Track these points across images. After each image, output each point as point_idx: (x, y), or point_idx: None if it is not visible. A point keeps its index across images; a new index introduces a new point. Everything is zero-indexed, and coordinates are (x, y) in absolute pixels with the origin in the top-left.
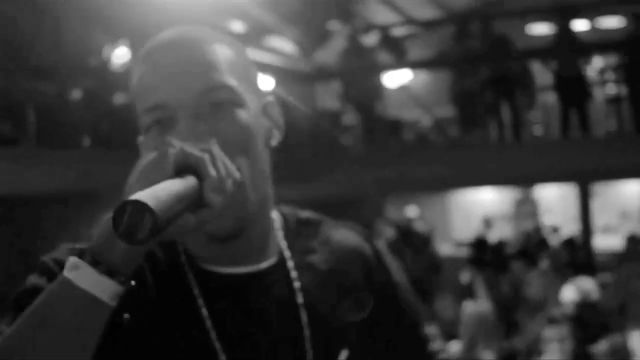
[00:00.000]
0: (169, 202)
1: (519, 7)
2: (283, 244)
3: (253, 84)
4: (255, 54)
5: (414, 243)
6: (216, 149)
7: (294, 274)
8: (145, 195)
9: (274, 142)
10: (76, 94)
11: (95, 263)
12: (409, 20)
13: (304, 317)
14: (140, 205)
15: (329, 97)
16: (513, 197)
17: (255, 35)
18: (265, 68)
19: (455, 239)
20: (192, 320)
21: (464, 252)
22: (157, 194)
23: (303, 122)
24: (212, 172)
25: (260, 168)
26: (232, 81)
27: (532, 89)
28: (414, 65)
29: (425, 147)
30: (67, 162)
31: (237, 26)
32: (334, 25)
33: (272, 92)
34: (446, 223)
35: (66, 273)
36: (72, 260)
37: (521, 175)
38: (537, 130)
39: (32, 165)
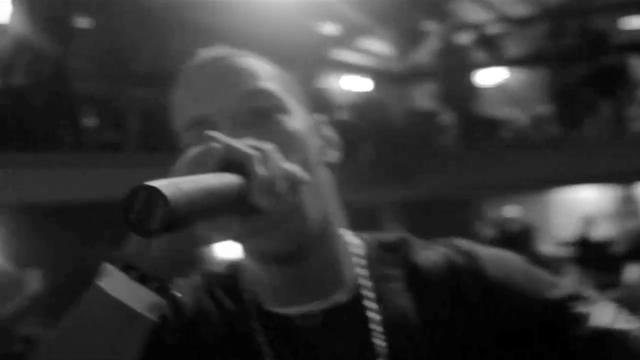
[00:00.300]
0: (193, 193)
1: (614, 0)
2: (362, 273)
3: (301, 99)
4: (348, 56)
5: (514, 243)
6: (269, 147)
7: (372, 305)
8: (161, 182)
9: (332, 159)
10: None
11: (127, 268)
12: (503, 18)
13: (382, 351)
14: (153, 192)
15: (424, 97)
16: (615, 195)
17: (348, 37)
18: (359, 70)
19: (556, 238)
20: None
21: (566, 252)
22: (177, 183)
23: (399, 123)
24: (261, 170)
25: (317, 180)
26: (271, 86)
27: (632, 84)
28: (510, 63)
29: (523, 146)
30: (168, 166)
31: (330, 28)
32: (428, 25)
33: (322, 114)
34: (546, 222)
35: (98, 280)
36: (105, 265)
37: (623, 172)
38: (638, 126)
39: (135, 169)
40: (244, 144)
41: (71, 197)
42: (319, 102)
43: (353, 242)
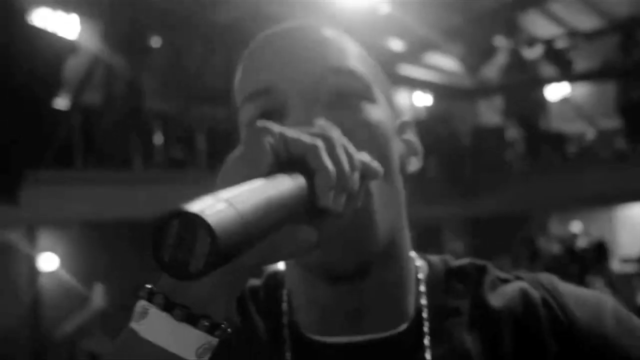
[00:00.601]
0: (247, 214)
1: None
2: (423, 302)
3: (387, 92)
4: (415, 72)
5: (583, 260)
6: (335, 134)
7: (427, 341)
8: (202, 202)
9: (412, 168)
10: None
11: (169, 306)
12: (572, 32)
13: None
14: (192, 220)
15: (491, 112)
16: None
17: (415, 53)
18: (425, 85)
19: (622, 255)
20: None
21: (633, 269)
22: (225, 202)
23: (466, 139)
24: (327, 162)
25: (392, 187)
26: (360, 68)
27: None
28: (579, 77)
29: (590, 161)
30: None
31: (396, 44)
32: (498, 40)
33: (410, 115)
34: (612, 238)
35: (132, 323)
36: (140, 304)
37: None
38: None
39: (202, 187)
40: (304, 133)
41: (137, 213)
42: None
43: (420, 265)
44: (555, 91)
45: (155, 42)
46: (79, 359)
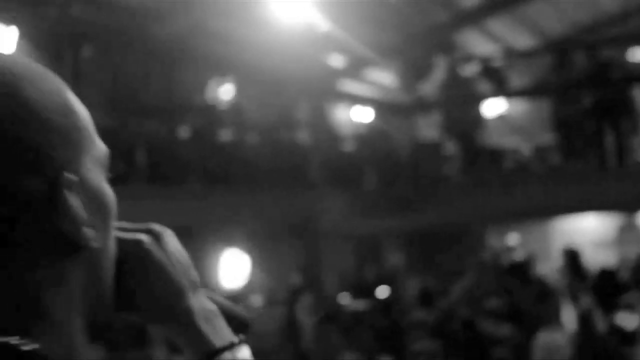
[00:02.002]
0: None
1: (618, 33)
2: None
3: None
4: (355, 87)
5: (516, 272)
6: None
7: None
8: None
9: None
10: (184, 132)
11: None
12: (509, 50)
13: None
14: None
15: (429, 128)
16: (616, 224)
17: (355, 69)
18: (365, 101)
19: (557, 266)
20: None
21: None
22: None
23: (404, 154)
24: None
25: None
26: None
27: (635, 115)
28: (515, 94)
29: (526, 176)
30: (176, 198)
31: (337, 60)
32: (434, 57)
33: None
34: (547, 250)
35: None
36: None
37: (624, 201)
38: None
39: (142, 201)
40: None
41: None
42: (326, 133)
43: None
44: (492, 108)
45: (94, 53)
46: None
